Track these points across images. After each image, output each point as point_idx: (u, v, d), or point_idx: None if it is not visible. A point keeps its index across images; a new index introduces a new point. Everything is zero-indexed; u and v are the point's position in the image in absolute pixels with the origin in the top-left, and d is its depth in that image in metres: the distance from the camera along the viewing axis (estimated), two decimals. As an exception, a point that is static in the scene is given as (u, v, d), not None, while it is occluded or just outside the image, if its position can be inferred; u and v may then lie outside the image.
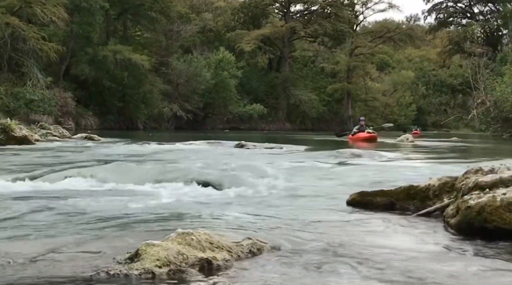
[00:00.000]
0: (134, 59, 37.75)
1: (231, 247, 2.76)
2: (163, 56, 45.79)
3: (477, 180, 3.88)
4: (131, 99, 39.60)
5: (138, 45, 42.34)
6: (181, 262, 2.46)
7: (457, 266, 2.98)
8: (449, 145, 19.36)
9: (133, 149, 12.47)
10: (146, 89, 40.01)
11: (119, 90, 38.75)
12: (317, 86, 56.23)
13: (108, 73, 37.63)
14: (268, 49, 55.34)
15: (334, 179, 6.79)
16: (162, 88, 42.47)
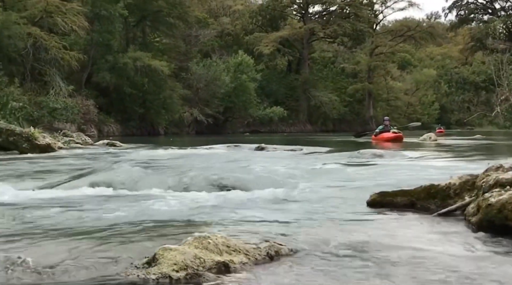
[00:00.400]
0: (154, 65, 38.09)
1: (248, 250, 2.76)
2: (182, 61, 46.11)
3: (498, 177, 3.83)
4: (151, 105, 39.92)
5: (157, 51, 42.71)
6: (198, 265, 2.47)
7: (479, 264, 2.94)
8: (472, 142, 19.11)
9: (153, 154, 12.55)
10: (166, 94, 40.32)
11: (140, 96, 39.11)
12: (337, 87, 56.04)
13: (128, 80, 38.01)
14: (287, 51, 55.36)
15: (354, 179, 6.74)
16: (182, 93, 42.75)
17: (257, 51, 52.36)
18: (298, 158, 10.93)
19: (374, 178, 6.84)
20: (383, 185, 5.85)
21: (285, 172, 6.95)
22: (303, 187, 5.87)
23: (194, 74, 45.10)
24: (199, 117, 44.17)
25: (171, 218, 3.92)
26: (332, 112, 53.22)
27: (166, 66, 39.41)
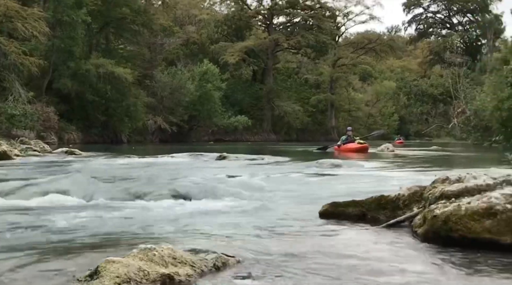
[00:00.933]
0: (117, 72, 37.68)
1: (194, 262, 2.77)
2: (146, 69, 45.77)
3: (443, 189, 3.94)
4: (114, 113, 39.44)
5: (121, 59, 42.29)
6: (141, 278, 2.47)
7: (422, 275, 3.02)
8: (428, 154, 19.52)
9: (112, 163, 12.42)
10: (129, 102, 39.89)
11: (102, 103, 38.60)
12: (301, 97, 56.52)
13: (91, 87, 37.49)
14: (252, 61, 55.60)
15: (310, 189, 6.82)
16: (146, 101, 42.40)
17: (223, 60, 52.40)
18: (258, 168, 10.98)
19: (330, 188, 6.93)
20: (338, 195, 5.94)
21: (242, 182, 6.98)
22: (258, 197, 5.90)
23: (159, 82, 44.83)
24: (163, 126, 43.85)
25: (121, 228, 3.90)
26: (295, 122, 53.63)
27: (129, 73, 39.02)
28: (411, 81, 58.83)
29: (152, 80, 44.66)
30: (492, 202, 3.51)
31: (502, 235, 3.44)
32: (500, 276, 2.99)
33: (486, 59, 41.47)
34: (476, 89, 35.34)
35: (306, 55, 57.48)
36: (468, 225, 3.53)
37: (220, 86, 48.34)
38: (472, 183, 3.87)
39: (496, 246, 3.45)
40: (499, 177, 3.97)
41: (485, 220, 3.49)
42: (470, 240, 3.53)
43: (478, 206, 3.54)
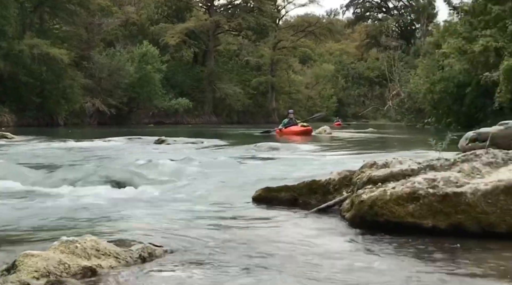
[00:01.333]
0: (53, 53, 36.36)
1: (119, 253, 2.72)
2: (84, 50, 44.42)
3: (371, 174, 4.03)
4: (50, 95, 38.16)
5: (56, 39, 40.80)
6: (62, 272, 2.41)
7: (343, 258, 3.09)
8: (364, 136, 19.98)
9: (45, 147, 12.04)
10: (66, 84, 38.66)
11: (37, 85, 37.23)
12: (242, 80, 56.46)
13: (25, 68, 36.06)
14: (193, 43, 54.92)
15: (246, 174, 6.84)
16: (84, 83, 41.21)
17: (163, 42, 51.51)
18: (196, 151, 10.93)
19: (266, 172, 6.97)
20: (273, 179, 5.98)
21: (177, 168, 6.92)
22: (192, 183, 5.87)
23: (97, 64, 43.62)
24: (101, 108, 42.83)
25: (46, 218, 3.79)
26: (236, 104, 53.60)
27: (66, 54, 37.74)
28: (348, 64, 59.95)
29: (90, 61, 43.41)
30: (416, 186, 3.63)
31: (424, 219, 3.56)
32: (420, 258, 3.10)
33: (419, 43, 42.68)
34: (410, 73, 36.36)
35: (247, 37, 57.34)
36: (393, 210, 3.64)
37: (160, 68, 47.57)
38: (398, 168, 3.98)
39: (419, 229, 3.57)
40: (424, 162, 4.10)
41: (409, 204, 3.61)
42: (394, 224, 3.64)
43: (402, 191, 3.65)
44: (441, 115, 29.56)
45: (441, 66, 29.04)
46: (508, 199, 3.37)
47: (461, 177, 3.58)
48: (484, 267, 2.94)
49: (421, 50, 38.30)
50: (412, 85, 33.58)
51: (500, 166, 3.63)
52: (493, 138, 4.39)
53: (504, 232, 3.38)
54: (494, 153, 3.68)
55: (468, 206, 3.45)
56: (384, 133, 22.69)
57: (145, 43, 47.48)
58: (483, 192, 3.43)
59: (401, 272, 2.85)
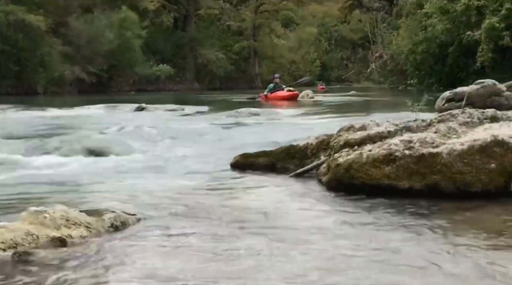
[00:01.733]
0: (29, 19, 35.61)
1: (90, 223, 2.68)
2: (61, 16, 43.41)
3: (347, 137, 4.01)
4: (28, 63, 37.48)
5: (32, 5, 39.79)
6: (30, 243, 2.36)
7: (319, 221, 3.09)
8: (346, 99, 19.96)
9: (24, 116, 11.85)
10: (43, 51, 37.97)
11: (14, 53, 36.50)
12: (224, 45, 55.72)
13: (0, 35, 35.31)
14: (173, 8, 53.97)
15: (225, 140, 6.80)
16: (62, 50, 40.46)
17: (142, 7, 50.53)
18: (176, 118, 10.84)
19: (245, 138, 6.94)
20: (253, 145, 5.96)
21: (155, 134, 6.86)
22: (170, 149, 5.82)
23: (75, 30, 42.72)
24: (81, 76, 42.21)
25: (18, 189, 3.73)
26: (219, 70, 53.01)
27: (42, 21, 36.94)
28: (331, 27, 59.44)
29: (68, 28, 42.52)
30: (392, 148, 3.61)
31: (400, 180, 3.56)
32: (395, 218, 3.11)
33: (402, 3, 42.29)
34: (392, 34, 36.14)
35: (227, 1, 56.46)
36: (369, 172, 3.63)
37: (140, 34, 46.77)
38: (374, 130, 3.96)
39: (395, 191, 3.58)
40: (401, 123, 4.08)
41: (385, 166, 3.60)
42: (371, 187, 3.63)
43: (378, 153, 3.63)
44: (423, 76, 29.56)
45: (423, 26, 28.90)
46: (483, 158, 3.37)
47: (437, 138, 3.57)
48: (457, 225, 2.95)
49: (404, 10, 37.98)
50: (395, 47, 33.44)
51: (476, 125, 3.62)
52: (469, 98, 4.37)
53: (479, 191, 3.40)
54: (470, 112, 3.67)
55: (444, 166, 3.45)
56: (366, 96, 22.69)
57: (124, 9, 46.55)
58: (459, 152, 3.43)
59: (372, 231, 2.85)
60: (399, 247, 2.56)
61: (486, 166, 3.35)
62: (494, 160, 3.33)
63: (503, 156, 3.31)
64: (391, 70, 35.12)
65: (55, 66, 39.47)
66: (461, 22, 24.11)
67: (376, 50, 39.12)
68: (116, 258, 2.35)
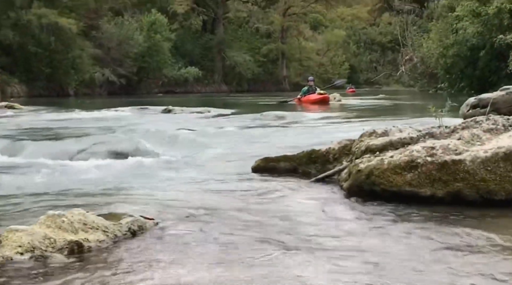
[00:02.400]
0: (61, 22, 36.25)
1: (107, 227, 2.70)
2: (92, 19, 44.11)
3: (368, 143, 3.96)
4: (59, 65, 38.17)
5: (64, 8, 40.49)
6: (47, 246, 2.39)
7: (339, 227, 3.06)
8: (374, 102, 19.77)
9: (53, 118, 12.04)
10: (75, 54, 38.63)
11: (47, 55, 37.21)
12: (252, 47, 55.83)
13: (33, 38, 36.03)
14: (202, 11, 54.30)
15: (248, 143, 6.80)
16: (93, 52, 41.09)
17: (171, 10, 51.00)
18: (202, 121, 10.89)
19: (269, 141, 6.92)
20: (276, 149, 5.95)
21: (180, 137, 6.89)
22: (194, 152, 5.84)
23: (105, 33, 43.38)
24: (111, 78, 42.76)
25: (41, 192, 3.77)
26: (246, 72, 53.14)
27: (74, 24, 37.60)
28: (360, 30, 58.99)
29: (99, 31, 43.17)
30: (414, 155, 3.55)
31: (422, 187, 3.50)
32: (416, 226, 3.06)
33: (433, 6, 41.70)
34: (423, 37, 35.68)
35: (256, 3, 56.56)
36: (390, 179, 3.57)
37: (169, 37, 47.24)
38: (397, 136, 3.90)
39: (417, 198, 3.52)
40: (424, 130, 4.02)
41: (407, 173, 3.54)
42: (392, 193, 3.58)
43: (400, 160, 3.58)
44: (454, 80, 29.11)
45: (454, 29, 28.47)
46: (507, 166, 3.29)
47: (460, 144, 3.50)
48: (481, 235, 2.88)
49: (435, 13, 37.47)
50: (425, 50, 32.99)
51: (501, 132, 3.54)
52: (494, 104, 4.27)
53: (503, 199, 3.32)
54: (495, 119, 3.58)
55: (467, 173, 3.38)
56: (395, 100, 22.44)
57: (154, 12, 47.05)
58: (483, 159, 3.35)
59: (393, 238, 2.81)
60: (421, 254, 2.52)
61: (510, 174, 3.27)
62: (518, 168, 3.24)
63: (528, 164, 3.23)
64: (421, 73, 34.69)
65: (85, 69, 40.11)
66: (493, 25, 23.67)
67: (406, 53, 38.67)
68: (131, 264, 2.36)
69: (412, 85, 37.30)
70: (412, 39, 39.15)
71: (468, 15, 25.82)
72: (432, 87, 31.97)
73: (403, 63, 39.16)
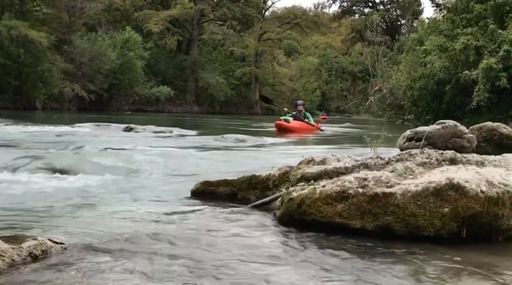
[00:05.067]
0: (31, 35, 35.87)
1: (4, 251, 2.51)
2: (64, 34, 43.81)
3: (304, 171, 3.86)
4: (28, 78, 37.66)
5: (36, 21, 40.14)
6: None
7: (259, 254, 2.94)
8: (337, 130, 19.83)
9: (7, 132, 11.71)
10: (44, 67, 38.18)
11: (15, 68, 36.72)
12: (225, 70, 56.10)
13: (2, 49, 35.56)
14: (177, 31, 54.47)
15: (197, 165, 6.64)
16: (63, 67, 40.72)
17: (146, 29, 50.98)
18: (158, 141, 10.70)
19: (217, 164, 6.78)
20: (222, 172, 5.82)
21: (128, 156, 6.70)
22: (137, 173, 5.67)
23: (78, 48, 43.02)
24: (80, 93, 42.32)
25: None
26: (219, 94, 53.28)
27: (45, 37, 37.27)
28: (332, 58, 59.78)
29: (71, 45, 42.79)
30: (346, 185, 3.46)
31: (352, 219, 3.40)
32: (338, 259, 2.95)
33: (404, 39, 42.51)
34: (392, 68, 36.27)
35: (232, 27, 56.99)
36: (321, 209, 3.47)
37: (143, 55, 47.16)
38: (332, 165, 3.81)
39: (347, 230, 3.41)
40: (362, 159, 3.94)
41: (337, 204, 3.44)
42: (322, 224, 3.47)
43: (331, 189, 3.48)
44: (420, 113, 29.51)
45: (423, 63, 28.98)
46: (437, 201, 3.21)
47: (393, 177, 3.42)
48: (403, 270, 2.79)
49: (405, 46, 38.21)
50: (394, 81, 33.50)
51: (434, 166, 3.47)
52: (429, 138, 4.22)
53: (431, 236, 3.23)
54: (429, 153, 3.52)
55: (397, 207, 3.29)
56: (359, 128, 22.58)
57: (128, 29, 46.95)
58: (413, 193, 3.27)
59: (308, 269, 2.70)
60: None
61: (439, 209, 3.19)
62: (448, 203, 3.17)
63: (457, 200, 3.15)
64: (390, 104, 35.14)
65: (55, 83, 39.64)
66: (459, 60, 24.13)
67: (376, 84, 39.21)
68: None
69: (381, 116, 37.73)
70: (382, 70, 39.75)
71: (435, 49, 26.29)
72: (399, 118, 32.38)
73: (372, 93, 39.67)
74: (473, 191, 3.15)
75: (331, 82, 57.07)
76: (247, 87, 58.46)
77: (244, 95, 58.16)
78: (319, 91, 62.41)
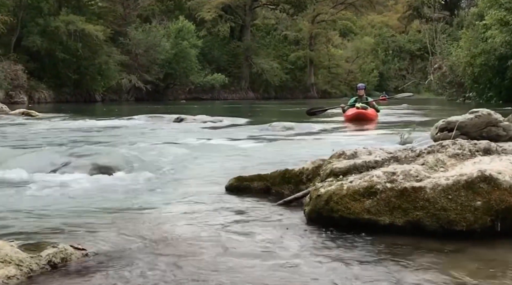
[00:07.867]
0: (88, 29, 36.85)
1: (22, 260, 2.52)
2: (120, 26, 44.73)
3: (332, 166, 3.75)
4: (86, 71, 38.79)
5: (92, 15, 41.18)
6: None
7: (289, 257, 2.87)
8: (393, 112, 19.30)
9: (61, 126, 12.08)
10: (102, 60, 39.18)
11: (74, 62, 37.87)
12: (279, 55, 55.80)
13: (61, 44, 36.70)
14: (229, 18, 54.51)
15: (241, 158, 6.60)
16: (120, 59, 41.62)
17: (199, 17, 51.34)
18: (207, 132, 10.75)
19: (262, 156, 6.73)
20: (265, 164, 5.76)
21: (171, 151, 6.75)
22: (175, 168, 5.67)
23: (133, 40, 43.87)
24: (137, 84, 43.20)
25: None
26: (273, 79, 53.10)
27: (101, 31, 38.21)
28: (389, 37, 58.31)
29: (126, 37, 43.68)
30: (373, 180, 3.33)
31: (381, 215, 3.27)
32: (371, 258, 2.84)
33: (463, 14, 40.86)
34: (452, 45, 35.00)
35: (284, 11, 56.48)
36: (348, 205, 3.36)
37: (196, 43, 47.53)
38: (361, 159, 3.68)
39: (375, 226, 3.29)
40: (394, 151, 3.79)
41: (365, 199, 3.32)
42: (350, 221, 3.36)
43: (359, 185, 3.36)
44: (482, 90, 28.47)
45: (483, 38, 27.79)
46: (469, 195, 3.04)
47: (423, 170, 3.26)
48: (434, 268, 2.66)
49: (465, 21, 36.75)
50: (454, 58, 32.35)
51: (467, 158, 3.29)
52: (462, 128, 3.99)
53: (464, 230, 3.07)
54: (461, 144, 3.33)
55: (427, 201, 3.14)
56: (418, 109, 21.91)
57: (181, 19, 47.41)
58: (444, 187, 3.11)
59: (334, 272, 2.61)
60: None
61: (471, 203, 3.02)
62: (480, 197, 2.99)
63: (490, 193, 2.97)
64: (450, 82, 34.02)
65: (112, 75, 40.62)
66: (522, 34, 23.06)
67: (435, 61, 37.99)
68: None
69: (441, 94, 36.65)
70: (441, 47, 38.45)
71: (496, 23, 25.20)
72: (460, 96, 31.32)
73: (432, 72, 38.47)
74: (507, 182, 2.96)
75: (388, 62, 55.82)
76: (302, 71, 57.97)
77: (299, 79, 57.72)
78: (377, 71, 61.08)
